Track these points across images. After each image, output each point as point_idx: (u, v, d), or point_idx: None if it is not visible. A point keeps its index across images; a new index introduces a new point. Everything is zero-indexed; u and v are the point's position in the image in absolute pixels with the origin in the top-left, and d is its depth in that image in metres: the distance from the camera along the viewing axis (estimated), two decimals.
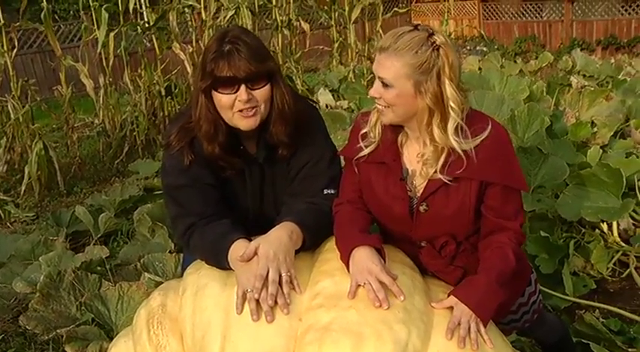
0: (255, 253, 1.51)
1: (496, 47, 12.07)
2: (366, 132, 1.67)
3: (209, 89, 1.60)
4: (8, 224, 4.53)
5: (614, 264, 3.12)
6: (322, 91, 6.53)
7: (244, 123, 1.63)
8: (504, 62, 7.56)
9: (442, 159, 1.55)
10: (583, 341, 2.39)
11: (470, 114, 1.56)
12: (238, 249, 1.54)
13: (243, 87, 1.57)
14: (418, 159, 1.61)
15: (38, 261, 3.19)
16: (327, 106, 6.30)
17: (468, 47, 12.33)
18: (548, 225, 3.15)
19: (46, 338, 2.62)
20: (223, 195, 1.75)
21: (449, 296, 1.52)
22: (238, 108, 1.59)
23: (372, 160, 1.66)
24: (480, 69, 6.76)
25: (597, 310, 2.76)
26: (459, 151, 1.52)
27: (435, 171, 1.56)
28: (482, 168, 1.54)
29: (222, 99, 1.59)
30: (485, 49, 11.29)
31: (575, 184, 3.16)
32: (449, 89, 1.48)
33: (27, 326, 2.66)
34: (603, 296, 2.93)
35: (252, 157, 1.75)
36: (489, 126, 1.55)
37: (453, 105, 1.49)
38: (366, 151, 1.66)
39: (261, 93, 1.61)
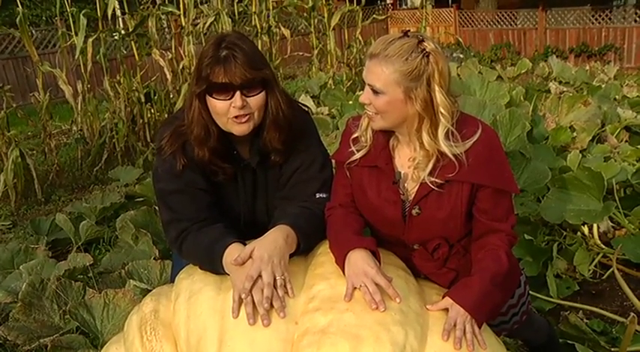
0: (250, 256, 1.51)
1: (472, 54, 12.23)
2: (357, 137, 1.68)
3: (203, 94, 1.59)
4: None
5: (595, 266, 3.17)
6: (303, 98, 6.53)
7: (238, 128, 1.62)
8: (482, 68, 7.65)
9: (432, 163, 1.56)
10: (568, 341, 2.42)
11: (460, 118, 1.58)
12: (233, 252, 1.53)
13: (238, 93, 1.56)
14: (410, 164, 1.62)
15: (19, 270, 3.12)
16: None
17: (445, 54, 12.45)
18: (531, 228, 3.18)
19: (29, 348, 2.55)
20: (216, 199, 1.74)
21: (444, 297, 1.53)
22: (233, 114, 1.59)
23: (364, 164, 1.67)
24: (458, 75, 6.82)
25: (580, 311, 2.80)
26: (450, 155, 1.53)
27: (427, 175, 1.57)
28: (473, 171, 1.55)
29: (216, 105, 1.58)
30: (461, 55, 11.41)
31: (558, 188, 3.20)
32: (439, 95, 1.50)
33: (7, 337, 2.58)
34: (585, 298, 2.97)
35: (245, 162, 1.74)
36: (480, 130, 1.57)
37: (443, 111, 1.51)
38: (357, 155, 1.67)
39: (256, 100, 1.61)
